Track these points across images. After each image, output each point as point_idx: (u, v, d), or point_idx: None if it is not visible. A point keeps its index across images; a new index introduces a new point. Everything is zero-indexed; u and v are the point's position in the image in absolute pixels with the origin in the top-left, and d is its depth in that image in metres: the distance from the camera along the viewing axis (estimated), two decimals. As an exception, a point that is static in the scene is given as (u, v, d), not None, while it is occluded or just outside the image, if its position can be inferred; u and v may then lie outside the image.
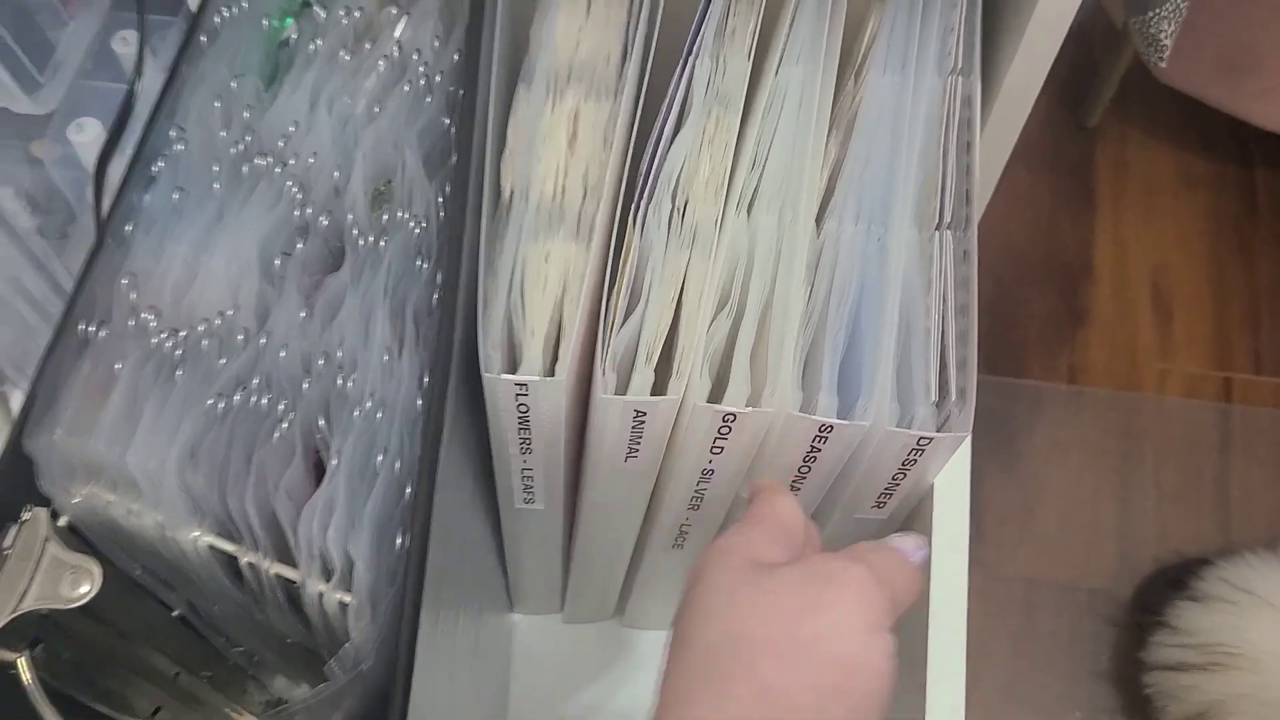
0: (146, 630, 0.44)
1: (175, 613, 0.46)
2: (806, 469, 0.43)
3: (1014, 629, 0.78)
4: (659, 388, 0.41)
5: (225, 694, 0.51)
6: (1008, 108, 0.51)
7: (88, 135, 0.56)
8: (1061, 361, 0.89)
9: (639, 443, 0.43)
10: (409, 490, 0.38)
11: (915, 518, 0.46)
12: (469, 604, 0.49)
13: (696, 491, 0.47)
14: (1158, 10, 0.60)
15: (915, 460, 0.41)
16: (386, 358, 0.40)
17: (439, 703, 0.41)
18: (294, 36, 0.47)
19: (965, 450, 0.44)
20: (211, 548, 0.40)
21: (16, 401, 0.63)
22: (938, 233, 0.43)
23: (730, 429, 0.41)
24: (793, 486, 0.45)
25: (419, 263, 0.43)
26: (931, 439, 0.40)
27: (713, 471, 0.45)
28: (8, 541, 0.38)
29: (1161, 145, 0.98)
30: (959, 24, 0.48)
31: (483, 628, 0.55)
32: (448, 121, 0.46)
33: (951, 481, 0.44)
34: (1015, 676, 0.77)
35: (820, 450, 0.42)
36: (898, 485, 0.43)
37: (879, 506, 0.45)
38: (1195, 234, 0.94)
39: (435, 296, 0.42)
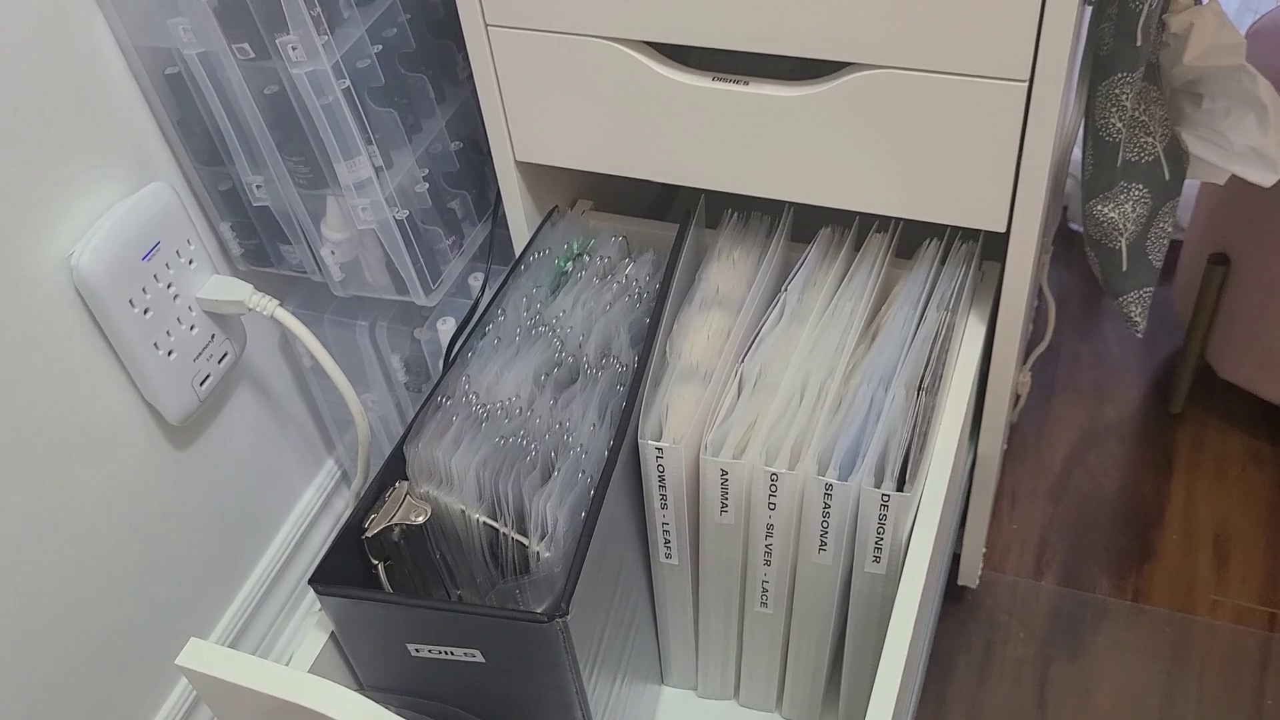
0: (434, 572, 0.76)
1: (456, 594, 0.79)
2: (826, 525, 0.72)
3: (1061, 781, 0.96)
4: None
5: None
6: (1004, 331, 0.80)
7: (447, 327, 0.95)
8: (1128, 585, 1.10)
9: (727, 498, 0.73)
10: (591, 493, 0.70)
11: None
12: (621, 603, 0.78)
13: (766, 547, 0.76)
14: (1125, 297, 0.88)
15: (886, 516, 0.69)
16: (592, 428, 0.74)
17: (594, 631, 0.70)
18: (570, 269, 0.85)
19: (931, 528, 0.71)
20: (485, 524, 0.73)
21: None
22: (918, 393, 0.73)
23: (776, 487, 0.71)
24: (821, 545, 0.73)
25: (618, 386, 0.77)
26: (890, 495, 0.68)
27: (773, 527, 0.74)
28: (388, 494, 0.72)
29: (1235, 430, 1.20)
30: (957, 284, 0.79)
31: (635, 659, 0.83)
32: (648, 320, 0.81)
33: (918, 548, 0.70)
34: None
35: (830, 506, 0.70)
36: (882, 538, 0.70)
37: (876, 560, 0.72)
38: (1258, 501, 1.14)
39: (624, 404, 0.75)
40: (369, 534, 0.70)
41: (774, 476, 0.70)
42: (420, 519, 0.71)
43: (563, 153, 0.84)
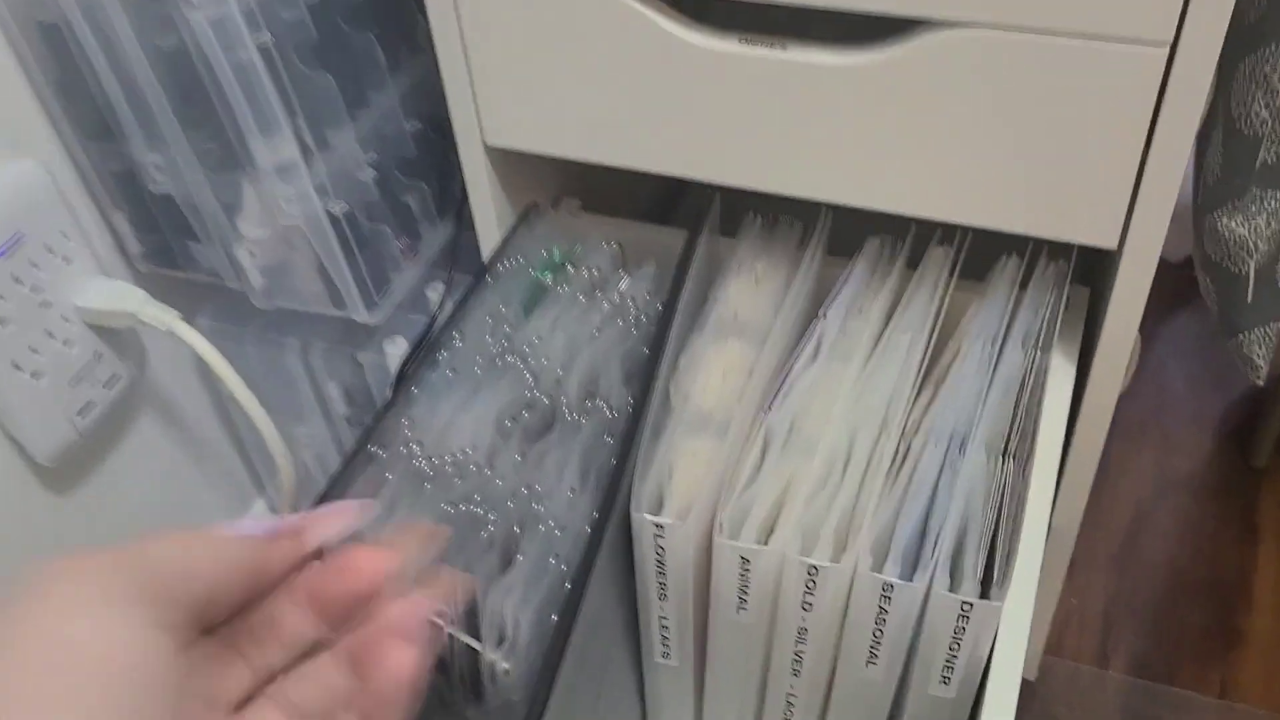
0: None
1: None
2: (880, 633, 0.54)
3: None
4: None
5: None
6: (1101, 380, 0.63)
7: (397, 349, 0.77)
8: (1214, 675, 0.92)
9: (747, 592, 0.55)
10: (567, 585, 0.52)
11: (978, 700, 0.54)
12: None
13: (796, 654, 0.58)
14: (1247, 334, 0.70)
15: (964, 628, 0.51)
16: (570, 495, 0.56)
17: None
18: (549, 283, 0.67)
19: (1020, 640, 0.53)
20: (423, 618, 0.55)
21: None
22: (1003, 459, 0.55)
23: (815, 583, 0.53)
24: (871, 658, 0.55)
25: (606, 437, 0.59)
26: (973, 604, 0.50)
27: (806, 630, 0.56)
28: (293, 579, 0.54)
29: (1331, 489, 1.03)
30: (1045, 316, 0.61)
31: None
32: (646, 350, 0.63)
33: (1003, 667, 0.52)
34: None
35: (887, 612, 0.52)
36: (955, 656, 0.53)
37: (945, 682, 0.54)
38: (1363, 575, 0.96)
39: (613, 461, 0.57)
40: (262, 636, 0.52)
41: (813, 570, 0.52)
42: (334, 616, 0.53)
43: (544, 136, 0.66)
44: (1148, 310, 0.85)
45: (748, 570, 0.54)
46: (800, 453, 0.57)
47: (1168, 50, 0.50)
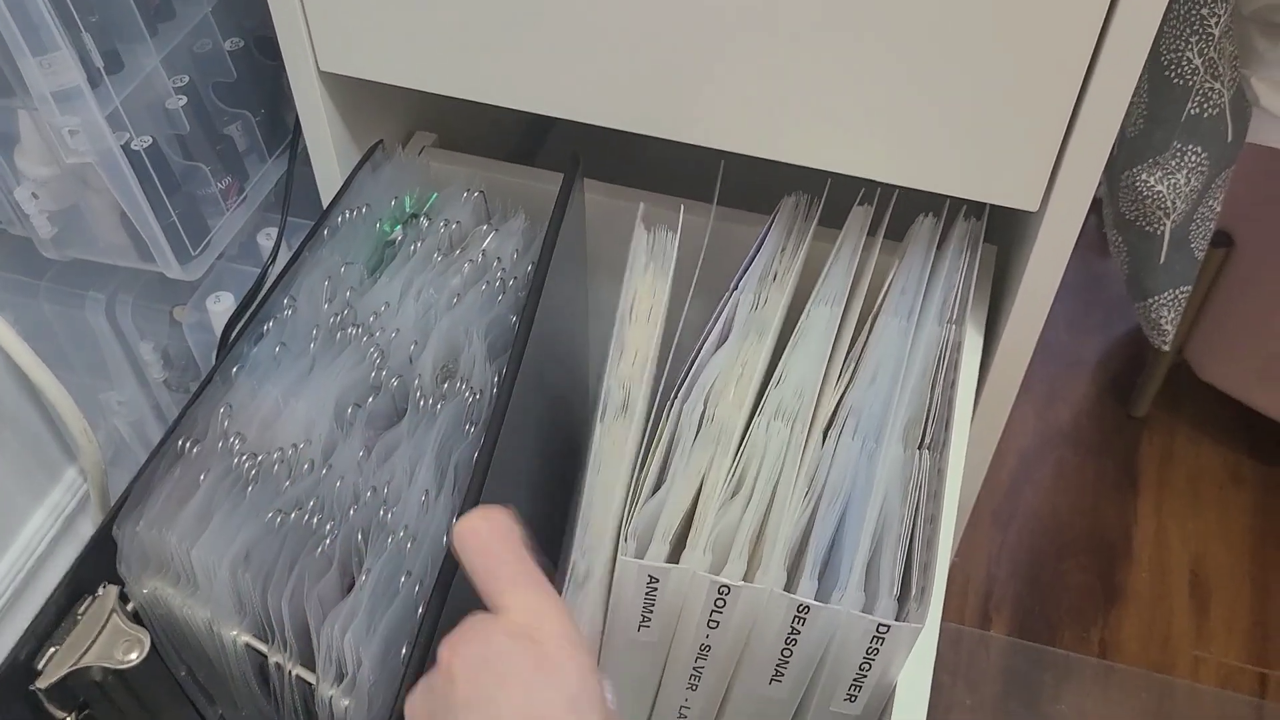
0: (175, 696, 0.49)
1: None
2: (789, 653, 0.47)
3: None
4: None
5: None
6: (1010, 351, 0.58)
7: (222, 306, 0.66)
8: (1093, 635, 0.90)
9: (651, 611, 0.48)
10: (420, 611, 0.44)
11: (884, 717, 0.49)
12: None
13: (695, 669, 0.51)
14: (1156, 298, 0.66)
15: (878, 649, 0.45)
16: (424, 498, 0.47)
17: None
18: (399, 237, 0.57)
19: (929, 656, 0.47)
20: (248, 646, 0.46)
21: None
22: (919, 451, 0.49)
23: (725, 602, 0.46)
24: (776, 676, 0.49)
25: (467, 426, 0.50)
26: (890, 627, 0.44)
27: (709, 648, 0.49)
28: (81, 609, 0.44)
29: (1209, 441, 1.02)
30: (959, 284, 0.55)
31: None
32: (515, 319, 0.55)
33: (912, 684, 0.47)
34: None
35: (800, 633, 0.46)
36: (865, 675, 0.47)
37: (850, 700, 0.49)
38: (1239, 529, 0.96)
39: (475, 455, 0.49)
40: (43, 685, 0.42)
41: (724, 589, 0.45)
42: (134, 656, 0.43)
43: (389, 62, 0.56)
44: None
45: (655, 589, 0.47)
46: (714, 446, 0.49)
47: (1119, -15, 0.43)
